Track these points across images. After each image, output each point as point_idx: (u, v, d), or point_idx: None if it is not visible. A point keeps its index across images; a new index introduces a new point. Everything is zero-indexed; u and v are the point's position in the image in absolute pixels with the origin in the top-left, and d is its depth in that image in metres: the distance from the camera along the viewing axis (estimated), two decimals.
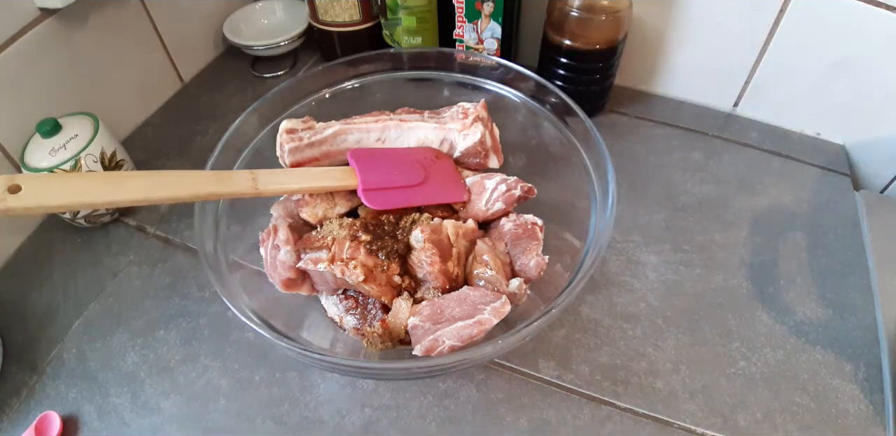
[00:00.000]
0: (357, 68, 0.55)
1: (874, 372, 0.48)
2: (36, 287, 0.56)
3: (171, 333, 0.52)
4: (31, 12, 0.53)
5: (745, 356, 0.49)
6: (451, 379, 0.49)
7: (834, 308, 0.52)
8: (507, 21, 0.63)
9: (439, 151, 0.51)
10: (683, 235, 0.58)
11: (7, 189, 0.32)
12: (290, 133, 0.47)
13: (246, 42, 0.73)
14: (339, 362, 0.39)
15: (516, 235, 0.48)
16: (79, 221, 0.58)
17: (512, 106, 0.54)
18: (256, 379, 0.49)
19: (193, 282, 0.55)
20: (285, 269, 0.45)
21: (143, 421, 0.47)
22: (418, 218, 0.47)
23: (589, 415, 0.46)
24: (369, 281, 0.43)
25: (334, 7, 0.67)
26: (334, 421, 0.47)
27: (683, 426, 0.45)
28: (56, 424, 0.46)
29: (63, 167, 0.52)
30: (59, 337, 0.52)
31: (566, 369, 0.49)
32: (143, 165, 0.64)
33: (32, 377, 0.49)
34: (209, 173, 0.42)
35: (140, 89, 0.69)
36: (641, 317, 0.52)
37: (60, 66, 0.58)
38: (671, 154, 0.65)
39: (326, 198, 0.48)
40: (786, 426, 0.45)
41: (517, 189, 0.49)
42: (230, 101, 0.73)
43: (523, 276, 0.46)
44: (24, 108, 0.55)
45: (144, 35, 0.67)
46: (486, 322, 0.40)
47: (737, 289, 0.53)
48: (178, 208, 0.61)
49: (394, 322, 0.44)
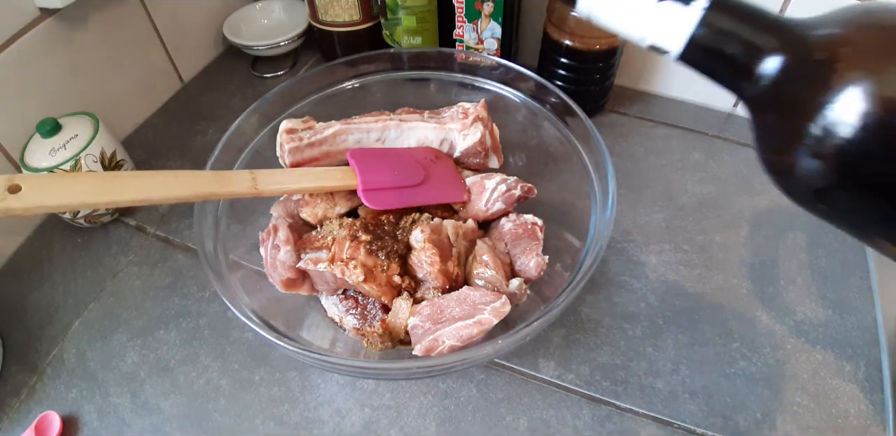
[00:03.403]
0: (357, 68, 0.55)
1: (874, 372, 0.48)
2: (36, 287, 0.56)
3: (171, 333, 0.52)
4: (31, 12, 0.53)
5: (745, 356, 0.49)
6: (451, 379, 0.49)
7: (834, 308, 0.52)
8: (507, 21, 0.63)
9: (439, 151, 0.51)
10: (683, 235, 0.58)
11: (7, 189, 0.32)
12: (290, 133, 0.47)
13: (246, 42, 0.73)
14: (339, 362, 0.39)
15: (516, 235, 0.48)
16: (79, 221, 0.58)
17: (512, 106, 0.54)
18: (256, 379, 0.49)
19: (193, 282, 0.55)
20: (285, 269, 0.45)
21: (143, 421, 0.47)
22: (418, 218, 0.47)
23: (589, 415, 0.46)
24: (369, 281, 0.43)
25: (334, 7, 0.67)
26: (334, 421, 0.47)
27: (683, 426, 0.45)
28: (56, 424, 0.46)
29: (63, 167, 0.52)
30: (59, 337, 0.52)
31: (566, 369, 0.49)
32: (143, 165, 0.64)
33: (32, 377, 0.50)
34: (209, 173, 0.42)
35: (140, 89, 0.69)
36: (641, 317, 0.52)
37: (60, 66, 0.58)
38: (671, 154, 0.65)
39: (326, 198, 0.48)
40: (786, 426, 0.45)
41: (517, 189, 0.49)
42: (230, 101, 0.73)
43: (523, 276, 0.46)
44: (24, 108, 0.55)
45: (144, 35, 0.67)
46: (486, 322, 0.40)
47: (737, 289, 0.53)
48: (178, 208, 0.61)
49: (394, 322, 0.44)
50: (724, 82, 0.28)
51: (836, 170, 0.24)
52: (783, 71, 0.25)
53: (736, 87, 0.27)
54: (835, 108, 0.23)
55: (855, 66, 0.23)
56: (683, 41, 0.26)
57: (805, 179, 0.25)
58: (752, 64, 0.26)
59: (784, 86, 0.25)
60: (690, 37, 0.26)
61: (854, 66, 0.23)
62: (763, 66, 0.25)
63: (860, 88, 0.23)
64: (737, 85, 0.27)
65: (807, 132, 0.24)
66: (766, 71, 0.25)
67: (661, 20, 0.26)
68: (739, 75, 0.26)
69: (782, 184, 0.27)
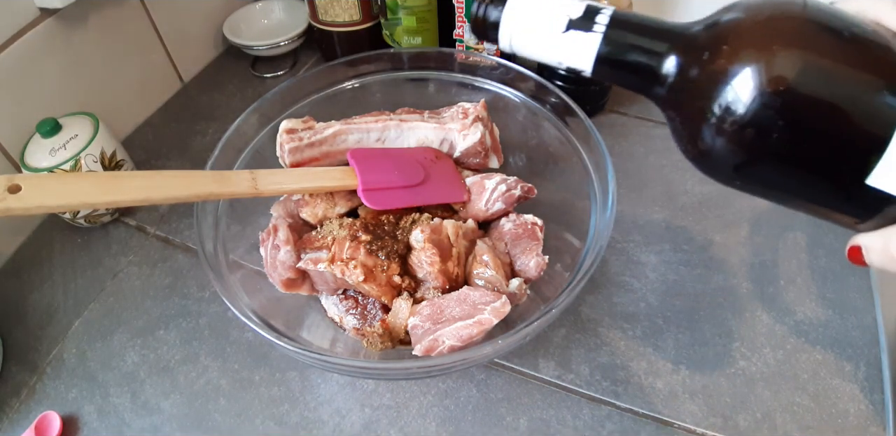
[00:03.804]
0: (357, 68, 0.55)
1: (874, 372, 0.48)
2: (36, 287, 0.56)
3: (171, 333, 0.52)
4: (31, 12, 0.53)
5: (745, 356, 0.49)
6: (451, 379, 0.49)
7: (834, 308, 0.52)
8: None
9: (439, 151, 0.51)
10: (683, 235, 0.58)
11: (7, 189, 0.32)
12: (290, 133, 0.47)
13: (246, 42, 0.73)
14: (339, 362, 0.39)
15: (516, 235, 0.48)
16: (79, 221, 0.58)
17: (512, 106, 0.54)
18: (256, 379, 0.49)
19: (193, 282, 0.55)
20: (285, 269, 0.45)
21: (143, 421, 0.47)
22: (418, 218, 0.47)
23: (589, 415, 0.46)
24: (369, 281, 0.43)
25: (334, 7, 0.67)
26: (334, 421, 0.47)
27: (683, 426, 0.45)
28: (56, 424, 0.46)
29: (63, 167, 0.52)
30: (59, 337, 0.52)
31: (566, 369, 0.49)
32: (143, 165, 0.64)
33: (32, 377, 0.50)
34: (209, 173, 0.42)
35: (140, 89, 0.69)
36: (641, 317, 0.52)
37: (60, 66, 0.58)
38: (671, 154, 0.65)
39: (326, 198, 0.48)
40: (786, 426, 0.45)
41: (517, 189, 0.49)
42: (230, 101, 0.73)
43: (523, 276, 0.46)
44: (24, 108, 0.55)
45: (144, 35, 0.67)
46: (486, 322, 0.40)
47: (737, 289, 0.53)
48: (178, 208, 0.61)
49: (394, 322, 0.44)
50: (636, 88, 0.31)
51: (740, 144, 0.27)
52: (680, 68, 0.29)
53: (647, 90, 0.31)
54: (727, 89, 0.26)
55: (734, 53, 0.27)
56: (592, 61, 0.30)
57: (720, 160, 0.29)
58: (654, 68, 0.30)
59: (684, 80, 0.29)
60: (596, 57, 0.30)
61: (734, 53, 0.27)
62: (664, 67, 0.29)
63: (743, 70, 0.26)
64: (648, 89, 0.31)
65: (710, 115, 0.27)
66: (667, 71, 0.29)
67: (569, 47, 0.31)
68: (647, 80, 0.30)
69: (704, 169, 0.30)
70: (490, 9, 0.32)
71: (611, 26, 0.30)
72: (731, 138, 0.27)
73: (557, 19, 0.30)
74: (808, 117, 0.26)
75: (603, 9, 0.30)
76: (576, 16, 0.30)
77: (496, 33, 0.33)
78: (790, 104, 0.26)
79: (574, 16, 0.30)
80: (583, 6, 0.30)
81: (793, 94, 0.26)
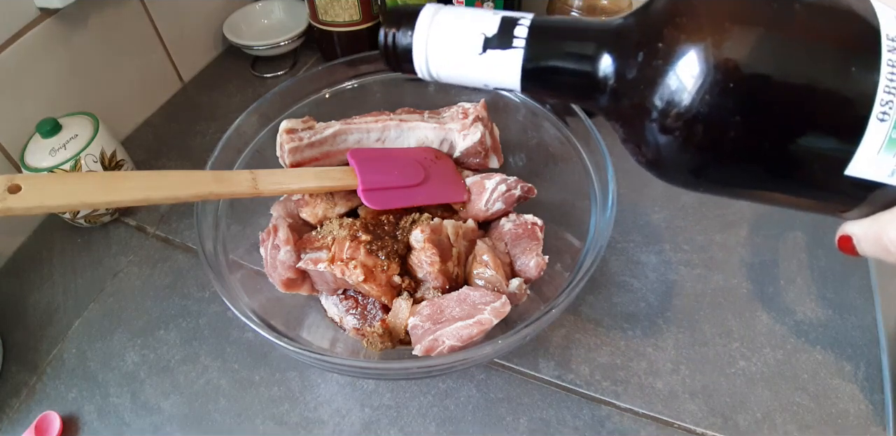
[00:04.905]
0: (357, 68, 0.55)
1: (874, 372, 0.48)
2: (36, 287, 0.56)
3: (171, 333, 0.52)
4: (31, 12, 0.53)
5: (745, 356, 0.49)
6: (451, 379, 0.49)
7: (834, 308, 0.52)
8: None
9: (439, 151, 0.51)
10: (683, 235, 0.58)
11: (7, 189, 0.32)
12: (290, 133, 0.47)
13: (246, 42, 0.73)
14: (339, 362, 0.39)
15: (516, 235, 0.48)
16: (79, 221, 0.58)
17: (512, 106, 0.54)
18: (256, 379, 0.49)
19: (193, 282, 0.55)
20: (285, 269, 0.45)
21: (143, 421, 0.47)
22: (418, 218, 0.47)
23: (589, 415, 0.46)
24: (369, 281, 0.43)
25: (334, 7, 0.67)
26: (334, 421, 0.47)
27: (683, 426, 0.45)
28: (56, 424, 0.46)
29: (63, 167, 0.52)
30: (59, 337, 0.52)
31: (566, 369, 0.49)
32: (143, 165, 0.64)
33: (32, 377, 0.50)
34: (209, 173, 0.41)
35: (140, 89, 0.69)
36: (641, 317, 0.52)
37: (60, 66, 0.58)
38: None
39: (326, 198, 0.48)
40: (786, 426, 0.45)
41: (517, 189, 0.49)
42: (230, 101, 0.73)
43: (523, 276, 0.46)
44: (24, 108, 0.55)
45: (144, 35, 0.67)
46: (486, 322, 0.40)
47: (737, 289, 0.53)
48: (178, 208, 0.61)
49: (394, 322, 0.44)
50: (577, 101, 0.28)
51: (690, 141, 0.24)
52: (616, 67, 0.26)
53: (590, 101, 0.28)
54: (669, 81, 0.23)
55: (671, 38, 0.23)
56: (518, 78, 0.27)
57: (674, 161, 0.25)
58: (588, 74, 0.26)
59: (623, 81, 0.25)
60: (522, 74, 0.27)
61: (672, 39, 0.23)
62: (600, 70, 0.26)
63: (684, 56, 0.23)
64: (588, 99, 0.27)
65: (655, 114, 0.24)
66: (604, 73, 0.26)
67: (491, 67, 0.27)
68: (585, 89, 0.27)
69: (660, 174, 0.27)
70: (399, 36, 0.29)
71: (532, 37, 0.26)
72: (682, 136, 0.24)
73: (472, 40, 0.27)
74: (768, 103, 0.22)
75: (520, 19, 0.27)
76: (491, 32, 0.27)
77: (410, 64, 0.29)
78: (743, 89, 0.22)
79: (490, 32, 0.27)
80: (498, 19, 0.27)
81: (745, 77, 0.22)
